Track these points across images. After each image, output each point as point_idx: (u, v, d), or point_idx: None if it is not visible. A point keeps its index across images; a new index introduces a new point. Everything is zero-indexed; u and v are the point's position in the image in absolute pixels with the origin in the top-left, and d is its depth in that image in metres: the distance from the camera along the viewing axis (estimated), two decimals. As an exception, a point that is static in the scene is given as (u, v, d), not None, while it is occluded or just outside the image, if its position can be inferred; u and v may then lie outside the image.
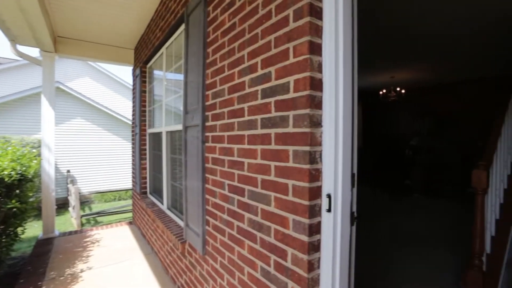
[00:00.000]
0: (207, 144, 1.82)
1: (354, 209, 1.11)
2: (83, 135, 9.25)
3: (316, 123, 1.06)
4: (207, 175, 1.83)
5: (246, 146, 1.41)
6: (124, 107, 11.12)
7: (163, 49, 3.20)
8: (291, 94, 1.11)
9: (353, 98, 1.11)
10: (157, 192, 3.62)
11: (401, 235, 3.69)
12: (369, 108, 8.32)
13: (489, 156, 2.05)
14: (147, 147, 3.94)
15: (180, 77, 2.71)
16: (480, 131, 6.15)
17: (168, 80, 3.21)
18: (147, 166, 3.94)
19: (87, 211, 7.70)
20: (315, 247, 1.08)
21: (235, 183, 1.50)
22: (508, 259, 2.00)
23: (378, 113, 8.27)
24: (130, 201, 8.15)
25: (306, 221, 1.04)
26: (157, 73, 3.79)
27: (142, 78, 3.96)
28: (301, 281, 1.08)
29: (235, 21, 1.50)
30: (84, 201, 8.73)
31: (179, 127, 2.57)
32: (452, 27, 3.63)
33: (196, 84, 1.89)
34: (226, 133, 1.59)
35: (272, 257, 1.23)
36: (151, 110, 3.91)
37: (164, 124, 3.20)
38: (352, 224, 1.10)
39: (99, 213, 7.16)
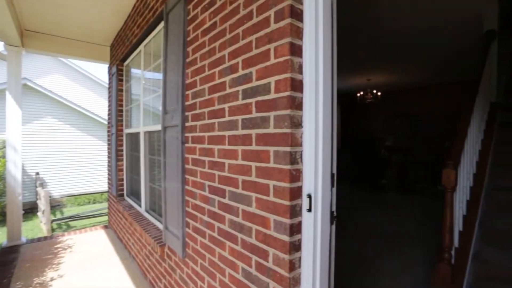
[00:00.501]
0: (187, 145, 1.79)
1: (334, 208, 1.14)
2: (54, 135, 8.77)
3: (296, 124, 1.07)
4: (187, 176, 1.79)
5: (226, 147, 1.40)
6: (99, 106, 10.66)
7: (141, 47, 3.11)
8: (272, 95, 1.12)
9: (332, 99, 1.13)
10: (135, 195, 3.51)
11: (377, 231, 3.83)
12: (347, 110, 8.56)
13: (457, 155, 2.17)
14: (124, 148, 3.80)
15: (159, 76, 2.64)
16: (449, 132, 6.52)
17: (146, 79, 3.12)
18: (124, 167, 3.81)
19: (59, 216, 7.30)
20: (296, 247, 1.09)
21: (216, 184, 1.49)
22: (473, 253, 2.13)
23: (356, 115, 8.53)
24: (105, 204, 7.82)
25: (287, 221, 1.05)
26: (134, 71, 3.67)
27: (119, 76, 3.81)
28: (282, 281, 1.09)
29: (216, 20, 1.48)
30: (55, 205, 8.27)
31: (158, 127, 2.51)
32: (421, 35, 3.88)
33: (176, 83, 1.85)
34: (206, 134, 1.57)
35: (253, 257, 1.23)
36: (128, 110, 3.78)
37: (142, 124, 3.10)
38: (332, 223, 1.12)
39: (72, 218, 6.81)
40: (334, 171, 1.14)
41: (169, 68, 1.97)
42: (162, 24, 2.41)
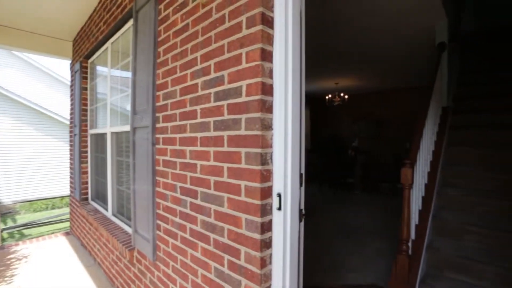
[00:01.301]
0: (157, 146, 1.76)
1: (302, 206, 1.20)
2: (5, 135, 8.01)
3: (267, 126, 1.12)
4: (158, 178, 1.77)
5: (199, 148, 1.41)
6: (58, 104, 9.95)
7: (108, 44, 2.98)
8: (244, 98, 1.15)
9: (300, 103, 1.20)
10: (101, 198, 3.35)
11: (344, 228, 4.03)
12: (317, 112, 8.87)
13: (414, 155, 2.37)
14: (89, 149, 3.61)
15: (128, 75, 2.56)
16: (410, 134, 7.04)
17: (113, 78, 3.00)
18: (89, 169, 3.61)
19: (10, 224, 6.69)
20: (267, 244, 1.13)
21: (188, 186, 1.49)
22: (427, 243, 2.35)
23: (325, 117, 8.87)
24: (67, 209, 7.32)
25: (258, 219, 1.09)
26: (100, 69, 3.50)
27: (83, 73, 3.62)
28: (254, 278, 1.13)
29: (188, 22, 1.49)
30: (5, 212, 7.57)
31: (127, 128, 2.43)
32: (383, 46, 4.20)
33: (146, 83, 1.81)
34: (178, 135, 1.57)
35: (225, 257, 1.25)
36: (93, 109, 3.60)
37: (109, 124, 2.98)
38: (300, 221, 1.19)
39: (27, 225, 6.29)
40: (302, 171, 1.20)
41: (139, 67, 1.93)
42: (131, 22, 2.35)
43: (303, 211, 1.21)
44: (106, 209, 3.02)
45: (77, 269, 2.88)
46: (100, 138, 3.31)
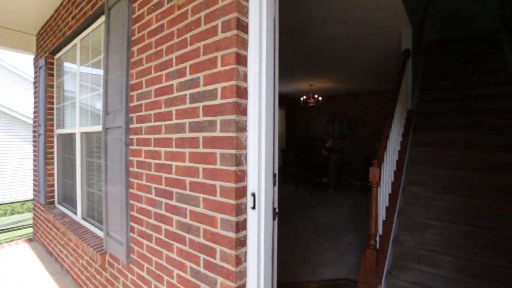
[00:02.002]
0: (131, 147, 1.73)
1: (276, 205, 1.25)
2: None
3: (241, 128, 1.15)
4: (131, 179, 1.73)
5: (174, 149, 1.41)
6: (18, 101, 9.28)
7: (76, 40, 2.86)
8: (219, 100, 1.18)
9: (274, 105, 1.24)
10: (69, 201, 3.19)
11: (318, 226, 4.17)
12: (292, 112, 9.05)
13: (381, 155, 2.52)
14: (55, 150, 3.43)
15: (99, 72, 2.48)
16: (379, 134, 7.41)
17: (83, 75, 2.88)
18: (55, 171, 3.43)
19: (-35, 231, 6.16)
20: (242, 243, 1.17)
21: (163, 187, 1.48)
22: (393, 237, 2.51)
23: (300, 117, 9.08)
24: (29, 215, 6.86)
25: (233, 219, 1.13)
26: (68, 66, 3.34)
27: (49, 70, 3.42)
28: (229, 276, 1.16)
29: (163, 23, 1.48)
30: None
31: (98, 128, 2.35)
32: (354, 51, 4.42)
33: (119, 83, 1.77)
34: (152, 136, 1.56)
35: (201, 256, 1.27)
36: (60, 108, 3.42)
37: (78, 124, 2.85)
38: (274, 219, 1.23)
39: (-16, 232, 5.82)
40: (276, 171, 1.25)
41: (111, 66, 1.88)
42: (102, 19, 2.27)
43: (277, 209, 1.26)
44: (75, 213, 2.89)
45: (43, 278, 2.73)
46: (68, 139, 3.16)
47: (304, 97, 6.95)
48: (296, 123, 9.16)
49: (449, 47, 4.82)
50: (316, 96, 6.82)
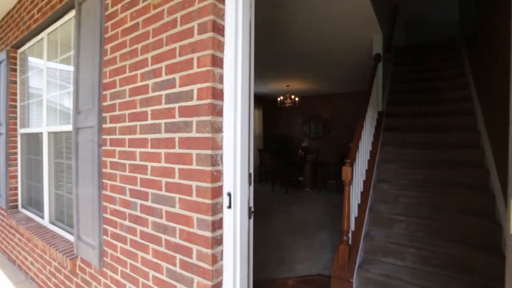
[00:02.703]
0: (104, 148, 1.69)
1: (251, 204, 1.29)
2: None
3: (217, 129, 1.17)
4: (104, 180, 1.69)
5: (149, 150, 1.40)
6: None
7: (43, 34, 2.71)
8: (195, 102, 1.19)
9: (249, 107, 1.28)
10: (35, 205, 3.02)
11: (294, 224, 4.27)
12: (269, 113, 9.16)
13: (353, 154, 2.64)
14: (19, 150, 3.22)
15: (69, 69, 2.38)
16: (352, 134, 7.72)
17: (51, 71, 2.73)
18: (19, 173, 3.23)
19: None
20: (218, 241, 1.19)
21: (138, 188, 1.46)
22: (364, 233, 2.64)
23: (277, 117, 9.21)
24: (-11, 220, 6.34)
25: (209, 218, 1.14)
26: (34, 61, 3.16)
27: (11, 65, 3.21)
28: (206, 274, 1.17)
29: (138, 21, 1.46)
30: None
31: (68, 127, 2.25)
32: (328, 54, 4.58)
33: (91, 81, 1.72)
34: (127, 136, 1.53)
35: (177, 256, 1.27)
36: (24, 106, 3.22)
37: (45, 123, 2.71)
38: (249, 218, 1.27)
39: None
40: (251, 171, 1.28)
41: (82, 64, 1.82)
42: (73, 13, 2.18)
43: (252, 208, 1.29)
44: (42, 217, 2.75)
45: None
46: (34, 138, 2.99)
47: (281, 97, 7.06)
48: (273, 123, 9.28)
49: (415, 53, 5.13)
50: (293, 96, 6.96)
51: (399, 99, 4.14)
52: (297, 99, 7.10)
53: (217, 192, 1.17)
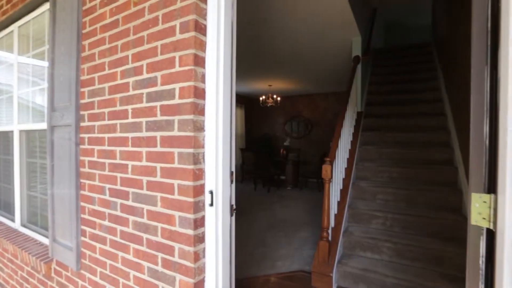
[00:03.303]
0: (82, 147, 1.64)
1: (233, 202, 1.30)
2: None
3: (199, 127, 1.18)
4: (82, 180, 1.64)
5: (130, 149, 1.38)
6: None
7: (13, 27, 2.58)
8: (177, 100, 1.19)
9: (231, 106, 1.29)
10: (4, 207, 2.87)
11: (276, 222, 4.33)
12: (251, 112, 9.20)
13: (333, 153, 2.72)
14: (-12, 150, 3.05)
15: (43, 65, 2.28)
16: (332, 134, 7.91)
17: (22, 67, 2.61)
18: (-12, 174, 3.05)
19: None
20: (200, 239, 1.20)
21: (118, 187, 1.44)
22: (344, 229, 2.73)
23: (259, 117, 9.27)
24: (-47, 224, 5.92)
25: (192, 216, 1.15)
26: (3, 55, 2.99)
27: (-21, 60, 3.03)
28: (188, 272, 1.18)
29: (118, 18, 1.44)
30: None
31: (41, 125, 2.16)
32: (310, 55, 4.68)
33: (68, 78, 1.66)
34: (106, 135, 1.50)
35: (159, 255, 1.27)
36: (-6, 103, 3.04)
37: (16, 121, 2.58)
38: (231, 215, 1.29)
39: None
40: (233, 169, 1.30)
41: (58, 59, 1.75)
42: (46, 6, 2.09)
43: (234, 206, 1.31)
44: (13, 220, 2.62)
45: (-27, 293, 2.43)
46: (3, 137, 2.84)
47: (264, 97, 7.11)
48: (256, 123, 9.32)
49: (393, 55, 5.35)
50: (275, 96, 7.03)
51: (377, 100, 4.30)
52: (279, 98, 7.18)
53: (199, 190, 1.18)
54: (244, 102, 8.85)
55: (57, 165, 1.76)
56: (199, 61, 1.18)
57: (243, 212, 4.74)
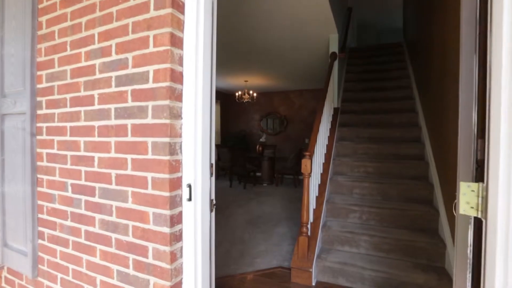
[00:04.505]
0: (40, 137, 1.45)
1: (213, 196, 1.21)
2: None
3: (176, 115, 1.07)
4: (40, 175, 1.45)
5: (96, 139, 1.23)
6: None
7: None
8: (151, 84, 1.07)
9: (211, 92, 1.19)
10: None
11: (253, 218, 4.27)
12: (227, 108, 9.06)
13: (312, 148, 2.71)
14: None
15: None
16: (308, 131, 8.02)
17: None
18: None
19: None
20: (177, 237, 1.09)
21: (82, 182, 1.28)
22: (322, 224, 2.74)
23: (235, 113, 9.15)
24: None
25: (167, 212, 1.04)
26: None
27: None
28: (164, 274, 1.07)
29: (81, -8, 1.27)
30: None
31: (-9, 115, 1.90)
32: (286, 52, 4.66)
33: (21, 59, 1.46)
34: (68, 124, 1.33)
35: (130, 257, 1.14)
36: None
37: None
38: (211, 211, 1.19)
39: None
40: (213, 161, 1.21)
41: (8, 37, 1.53)
42: (-4, -20, 1.83)
43: (214, 201, 1.22)
44: (-42, 222, 2.30)
45: None
46: None
47: (240, 92, 7.01)
48: (232, 119, 9.20)
49: (366, 54, 5.49)
50: (251, 92, 6.95)
51: (353, 97, 4.38)
52: (255, 94, 7.12)
53: (175, 183, 1.07)
54: (220, 97, 8.69)
55: (9, 159, 1.55)
56: (176, 42, 1.07)
57: (219, 209, 4.62)
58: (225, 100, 8.91)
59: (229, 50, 4.76)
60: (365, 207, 2.76)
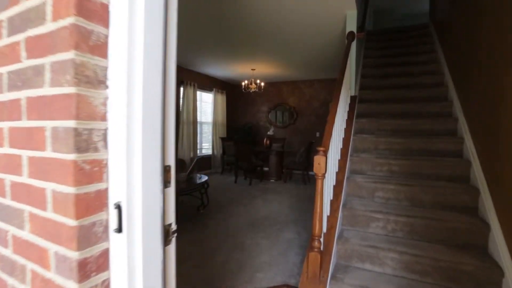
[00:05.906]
0: None
1: (171, 220, 0.74)
2: None
3: (92, 79, 0.59)
4: None
5: (-10, 124, 0.77)
6: None
7: None
8: (49, 25, 0.60)
9: (165, 40, 0.70)
10: None
11: (257, 220, 3.81)
12: (233, 99, 8.57)
13: (326, 142, 2.20)
14: None
15: None
16: (318, 123, 7.46)
17: None
18: None
19: None
20: (101, 294, 0.63)
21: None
22: (338, 234, 2.25)
23: (241, 104, 8.66)
24: None
25: (75, 255, 0.58)
26: None
27: None
28: None
29: None
30: None
31: None
32: (298, 37, 4.13)
33: None
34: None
35: (27, 321, 0.69)
36: None
37: None
38: (166, 244, 0.72)
39: None
40: (171, 162, 0.73)
41: None
42: None
43: (173, 227, 0.74)
44: None
45: None
46: None
47: (246, 82, 6.49)
48: (238, 110, 8.71)
49: (384, 38, 4.89)
50: (258, 81, 6.43)
51: (372, 84, 3.82)
52: (262, 84, 6.59)
53: (92, 203, 0.60)
54: (226, 88, 8.20)
55: None
56: None
57: (220, 208, 4.18)
58: (231, 90, 8.41)
59: (234, 34, 4.28)
60: (391, 215, 2.25)
